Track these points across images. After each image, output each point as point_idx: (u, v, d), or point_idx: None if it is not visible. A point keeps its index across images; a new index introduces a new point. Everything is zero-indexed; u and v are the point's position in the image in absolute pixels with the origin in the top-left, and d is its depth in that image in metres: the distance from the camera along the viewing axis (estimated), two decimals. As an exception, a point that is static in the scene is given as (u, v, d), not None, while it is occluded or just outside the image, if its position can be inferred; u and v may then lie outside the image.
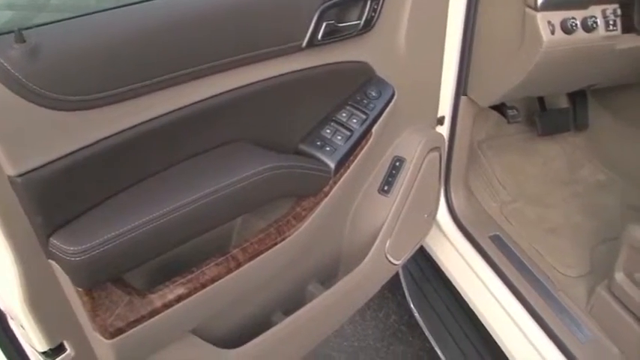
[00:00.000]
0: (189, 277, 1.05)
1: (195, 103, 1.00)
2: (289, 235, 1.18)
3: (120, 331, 0.96)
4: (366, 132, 1.29)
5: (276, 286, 1.35)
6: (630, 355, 1.50)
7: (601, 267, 1.68)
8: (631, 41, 1.64)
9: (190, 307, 1.06)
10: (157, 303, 1.00)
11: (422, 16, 1.41)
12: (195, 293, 1.05)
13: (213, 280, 1.08)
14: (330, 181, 1.25)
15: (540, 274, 1.71)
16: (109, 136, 0.89)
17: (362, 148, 1.29)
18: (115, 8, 0.91)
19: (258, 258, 1.13)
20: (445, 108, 1.70)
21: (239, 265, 1.11)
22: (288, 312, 1.34)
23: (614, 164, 2.27)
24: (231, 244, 1.20)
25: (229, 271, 1.10)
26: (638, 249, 1.44)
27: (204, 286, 1.06)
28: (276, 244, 1.16)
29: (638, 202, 2.01)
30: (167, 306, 1.01)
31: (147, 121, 0.94)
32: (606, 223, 1.96)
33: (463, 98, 1.70)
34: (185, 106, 0.99)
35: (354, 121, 1.28)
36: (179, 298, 1.03)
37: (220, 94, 1.04)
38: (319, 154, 1.24)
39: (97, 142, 0.88)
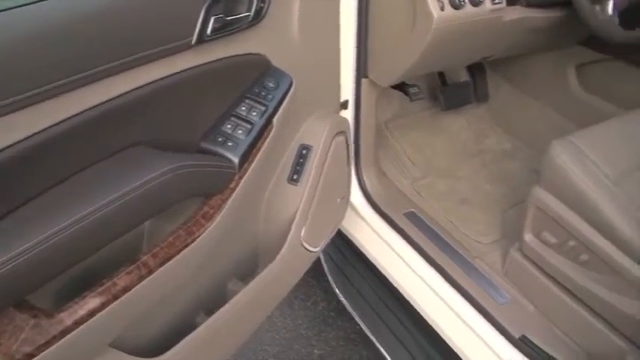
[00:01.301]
0: (100, 289, 1.02)
1: (88, 109, 0.97)
2: (199, 236, 1.17)
3: (29, 357, 0.92)
4: (267, 123, 1.28)
5: (195, 288, 1.33)
6: (545, 310, 1.57)
7: (512, 231, 1.74)
8: (517, 13, 1.70)
9: (105, 321, 1.02)
10: (68, 321, 0.96)
11: (313, 2, 1.41)
12: (107, 305, 1.02)
13: (125, 290, 1.05)
14: (236, 177, 1.24)
15: (456, 245, 1.76)
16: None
17: (264, 140, 1.29)
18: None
19: (170, 262, 1.11)
20: (347, 92, 1.71)
21: (151, 272, 1.08)
22: (210, 312, 1.32)
23: (516, 132, 2.36)
24: (141, 250, 1.17)
25: (141, 278, 1.07)
26: (542, 209, 1.49)
27: (116, 297, 1.03)
28: (187, 245, 1.14)
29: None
30: (79, 323, 0.98)
31: (35, 134, 0.90)
32: (514, 188, 2.04)
33: (364, 80, 1.72)
34: (77, 114, 0.95)
35: (254, 113, 1.27)
36: (91, 313, 0.99)
37: (113, 98, 1.00)
38: (222, 150, 1.22)
39: None
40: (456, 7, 1.51)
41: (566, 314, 1.51)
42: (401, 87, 1.91)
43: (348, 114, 1.74)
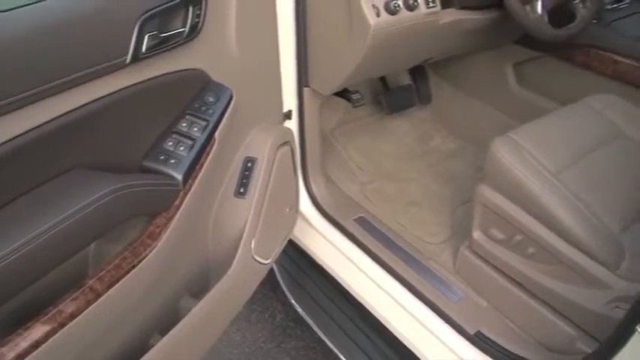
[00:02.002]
0: (45, 318, 0.99)
1: (22, 134, 0.94)
2: (147, 256, 1.15)
3: None
4: (209, 138, 1.27)
5: (146, 308, 1.31)
6: (498, 305, 1.60)
7: (461, 229, 1.77)
8: (452, 15, 1.73)
9: (52, 351, 0.99)
10: (10, 355, 0.93)
11: (250, 14, 1.41)
12: (53, 335, 0.99)
13: (72, 317, 1.02)
14: (181, 194, 1.23)
15: (407, 246, 1.78)
16: None
17: (208, 155, 1.28)
18: None
19: (118, 284, 1.09)
20: (290, 102, 1.72)
21: (98, 296, 1.06)
22: (164, 332, 1.30)
23: (460, 131, 2.40)
24: (87, 274, 1.15)
25: (88, 303, 1.05)
26: (488, 206, 1.52)
27: (62, 325, 1.00)
28: (134, 266, 1.12)
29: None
30: (22, 356, 0.94)
31: None
32: (461, 187, 2.07)
33: (306, 90, 1.72)
34: (11, 139, 0.93)
35: (195, 129, 1.26)
36: (36, 344, 0.96)
37: (48, 121, 0.98)
38: (164, 168, 1.21)
39: None
40: (391, 12, 1.53)
41: (518, 307, 1.54)
42: (343, 94, 1.93)
43: (293, 124, 1.74)
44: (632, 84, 1.94)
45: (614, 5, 2.14)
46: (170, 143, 1.24)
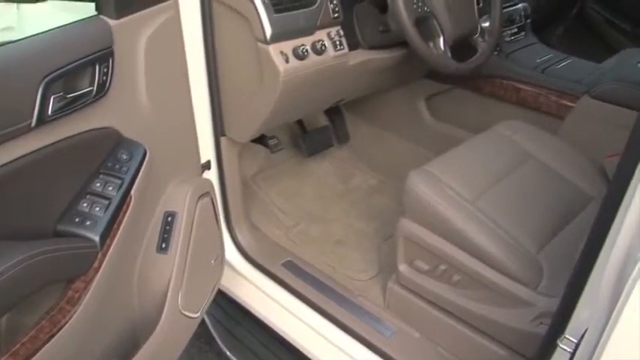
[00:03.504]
0: None
1: None
2: (66, 323, 1.11)
3: None
4: (125, 196, 1.25)
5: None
6: (429, 335, 1.62)
7: (388, 264, 1.79)
8: (360, 56, 1.79)
9: None
10: None
11: (159, 69, 1.40)
12: None
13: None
14: (99, 255, 1.19)
15: (337, 286, 1.79)
16: None
17: (125, 213, 1.25)
18: None
19: (36, 358, 1.04)
20: (208, 152, 1.71)
21: (15, 373, 1.02)
22: (94, 400, 1.26)
23: (380, 167, 2.45)
24: None
25: (4, 381, 1.00)
26: (411, 239, 1.56)
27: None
28: (52, 336, 1.08)
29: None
30: None
31: None
32: (385, 222, 2.10)
33: (223, 139, 1.73)
34: None
35: (110, 188, 1.24)
36: None
37: None
38: (80, 231, 1.17)
39: None
40: (300, 57, 1.56)
41: (450, 335, 1.57)
42: (261, 140, 1.94)
43: (212, 174, 1.74)
44: (535, 109, 2.05)
45: (512, 38, 2.27)
46: (85, 204, 1.21)
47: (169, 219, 1.45)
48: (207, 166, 1.71)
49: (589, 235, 0.97)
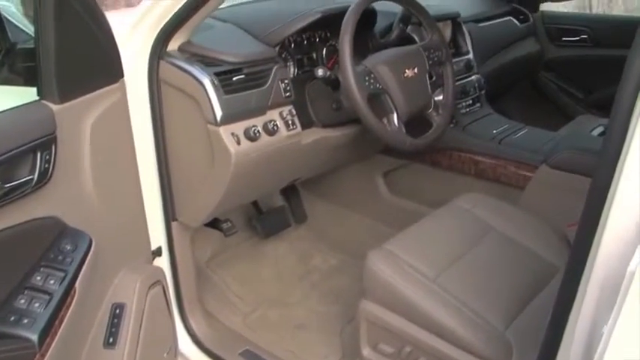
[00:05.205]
0: None
1: None
2: None
3: None
4: (69, 289, 1.18)
5: None
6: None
7: (351, 348, 1.72)
8: (314, 134, 1.77)
9: None
10: None
11: (106, 154, 1.35)
12: None
13: None
14: (37, 356, 1.10)
15: (299, 374, 1.71)
16: None
17: (68, 308, 1.17)
18: None
19: None
20: (159, 238, 1.66)
21: None
22: None
23: (340, 246, 2.40)
24: None
25: None
26: (373, 321, 1.51)
27: None
28: None
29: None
30: None
31: None
32: (347, 304, 2.04)
33: (174, 224, 1.68)
34: None
35: (52, 281, 1.16)
36: None
37: None
38: (15, 330, 1.09)
39: None
40: (251, 139, 1.54)
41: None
42: (214, 224, 1.88)
43: (164, 260, 1.68)
44: (494, 180, 2.05)
45: (467, 109, 2.30)
46: (22, 301, 1.13)
47: (117, 311, 1.37)
48: (158, 252, 1.65)
49: (553, 308, 0.95)
